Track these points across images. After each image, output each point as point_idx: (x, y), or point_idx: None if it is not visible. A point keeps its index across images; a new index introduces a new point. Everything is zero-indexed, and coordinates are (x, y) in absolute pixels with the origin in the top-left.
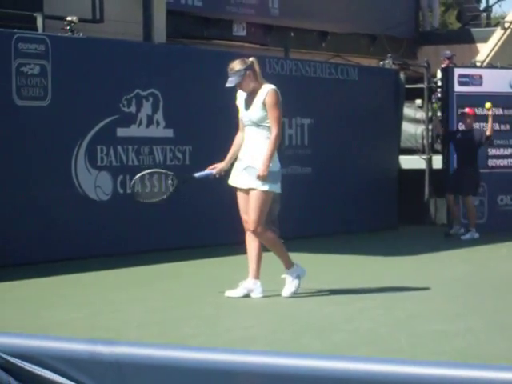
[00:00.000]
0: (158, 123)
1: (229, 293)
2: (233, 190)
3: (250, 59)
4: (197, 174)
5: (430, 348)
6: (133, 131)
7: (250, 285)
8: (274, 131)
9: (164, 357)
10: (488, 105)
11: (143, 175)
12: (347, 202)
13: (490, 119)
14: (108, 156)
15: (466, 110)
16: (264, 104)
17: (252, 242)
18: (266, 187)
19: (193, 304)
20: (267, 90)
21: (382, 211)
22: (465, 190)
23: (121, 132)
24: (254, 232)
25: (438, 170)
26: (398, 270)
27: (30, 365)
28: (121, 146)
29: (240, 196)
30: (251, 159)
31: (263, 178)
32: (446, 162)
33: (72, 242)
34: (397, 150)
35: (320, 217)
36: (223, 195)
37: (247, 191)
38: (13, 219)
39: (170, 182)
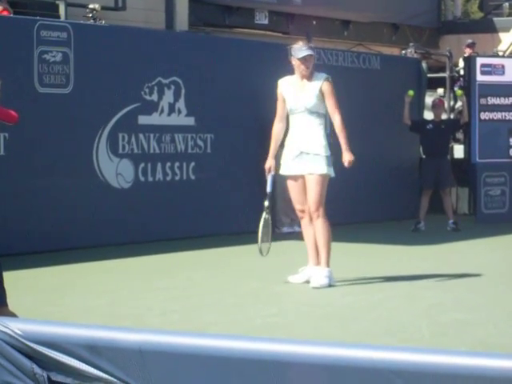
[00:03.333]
0: (179, 111)
1: (290, 278)
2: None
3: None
4: (269, 189)
5: (450, 337)
6: (154, 119)
7: (311, 271)
8: (338, 117)
9: (186, 344)
10: (459, 91)
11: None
12: (368, 190)
13: (464, 106)
14: (129, 144)
15: (437, 100)
16: (320, 92)
17: (308, 230)
18: (325, 170)
19: (214, 292)
20: (323, 78)
21: (404, 200)
22: (447, 183)
23: (142, 120)
24: (315, 212)
25: (459, 160)
26: (419, 259)
27: (52, 351)
28: (142, 133)
29: (292, 185)
30: (305, 145)
31: (350, 163)
32: (467, 151)
33: (93, 229)
34: (418, 138)
35: (341, 206)
36: (245, 183)
37: (299, 179)
38: (34, 207)
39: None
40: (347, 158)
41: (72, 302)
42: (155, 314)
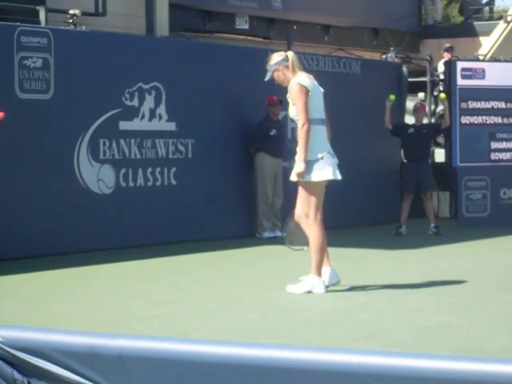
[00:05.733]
0: (160, 116)
1: (290, 288)
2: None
3: (286, 53)
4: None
5: (432, 341)
6: (135, 124)
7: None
8: (299, 124)
9: (166, 350)
10: (443, 95)
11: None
12: (350, 195)
13: (446, 110)
14: (110, 149)
15: (418, 104)
16: (292, 100)
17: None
18: (302, 177)
19: (196, 298)
20: (290, 85)
21: (385, 204)
22: (428, 187)
23: (123, 125)
24: (306, 220)
25: (440, 164)
26: (400, 263)
27: (33, 358)
28: (123, 139)
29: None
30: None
31: (299, 175)
32: (448, 155)
33: (75, 235)
34: (399, 143)
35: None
36: (226, 188)
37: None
38: (15, 213)
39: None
40: (295, 169)
41: (54, 308)
42: (137, 319)
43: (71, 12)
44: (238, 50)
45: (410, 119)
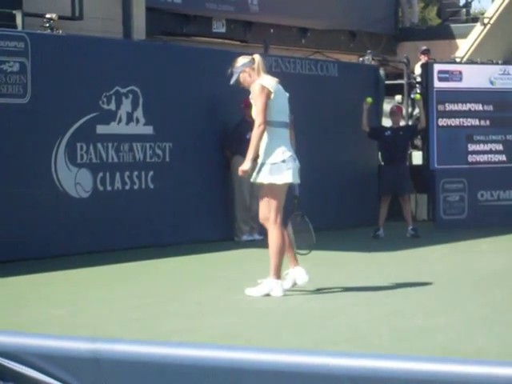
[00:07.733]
0: (137, 120)
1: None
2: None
3: (252, 56)
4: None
5: (410, 344)
6: (112, 128)
7: (295, 273)
8: (257, 122)
9: (144, 353)
10: (418, 96)
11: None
12: (328, 198)
13: (421, 111)
14: (88, 153)
15: (395, 107)
16: (253, 101)
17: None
18: (264, 179)
19: (174, 301)
20: (253, 86)
21: (363, 207)
22: (405, 189)
23: (100, 129)
24: (264, 224)
25: (418, 166)
26: (378, 265)
27: (10, 362)
28: (100, 143)
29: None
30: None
31: (242, 172)
32: (426, 157)
33: (52, 239)
34: (376, 145)
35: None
36: (204, 192)
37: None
38: None
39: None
40: (241, 167)
41: (31, 312)
42: (116, 323)
43: (48, 16)
44: (215, 54)
45: (386, 122)
